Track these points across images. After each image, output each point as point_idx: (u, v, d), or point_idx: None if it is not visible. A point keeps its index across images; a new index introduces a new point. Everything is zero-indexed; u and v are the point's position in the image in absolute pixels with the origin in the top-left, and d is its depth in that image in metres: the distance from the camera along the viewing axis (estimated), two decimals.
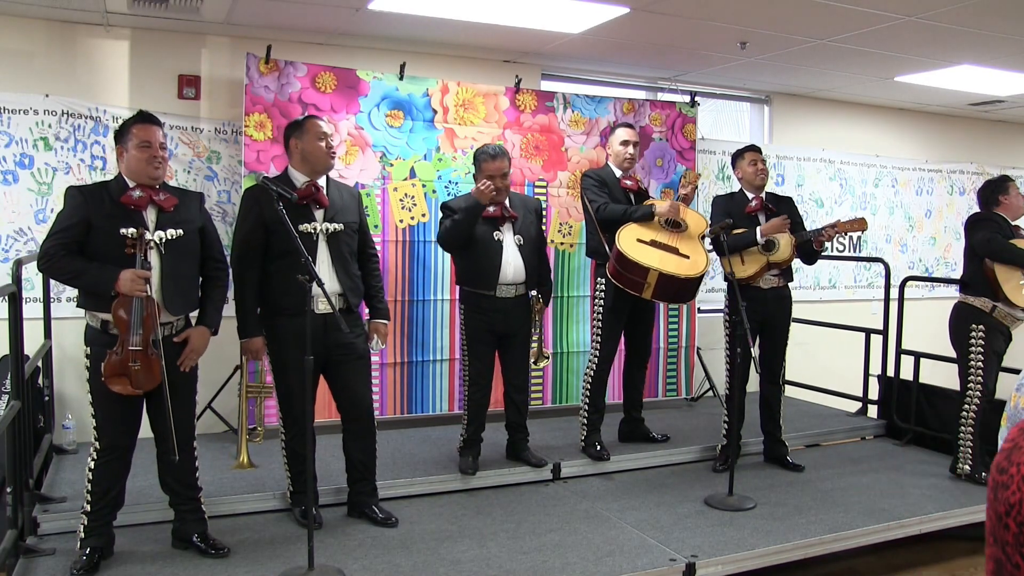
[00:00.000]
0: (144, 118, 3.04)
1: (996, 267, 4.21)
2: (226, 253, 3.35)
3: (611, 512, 3.78)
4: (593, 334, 4.50)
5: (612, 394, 5.01)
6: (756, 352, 4.41)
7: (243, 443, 3.34)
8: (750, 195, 4.47)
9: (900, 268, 6.86)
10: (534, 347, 4.22)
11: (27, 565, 3.03)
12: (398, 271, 4.91)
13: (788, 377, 4.73)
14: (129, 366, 2.86)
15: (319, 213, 3.38)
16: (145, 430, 3.08)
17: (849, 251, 6.89)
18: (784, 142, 6.58)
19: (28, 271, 3.95)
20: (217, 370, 4.44)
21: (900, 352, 5.30)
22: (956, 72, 5.56)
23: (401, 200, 4.91)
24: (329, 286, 3.31)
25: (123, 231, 2.87)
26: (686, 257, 4.07)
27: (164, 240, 2.97)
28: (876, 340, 5.42)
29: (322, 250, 3.37)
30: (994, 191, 4.42)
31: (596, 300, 4.44)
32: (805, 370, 5.88)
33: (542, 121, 5.28)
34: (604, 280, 4.30)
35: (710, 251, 5.29)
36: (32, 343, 3.75)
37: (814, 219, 6.47)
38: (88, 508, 3.03)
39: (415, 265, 4.93)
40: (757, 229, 4.30)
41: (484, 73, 5.34)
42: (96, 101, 4.52)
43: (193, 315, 3.19)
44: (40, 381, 4.06)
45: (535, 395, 5.25)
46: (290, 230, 3.04)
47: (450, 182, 5.01)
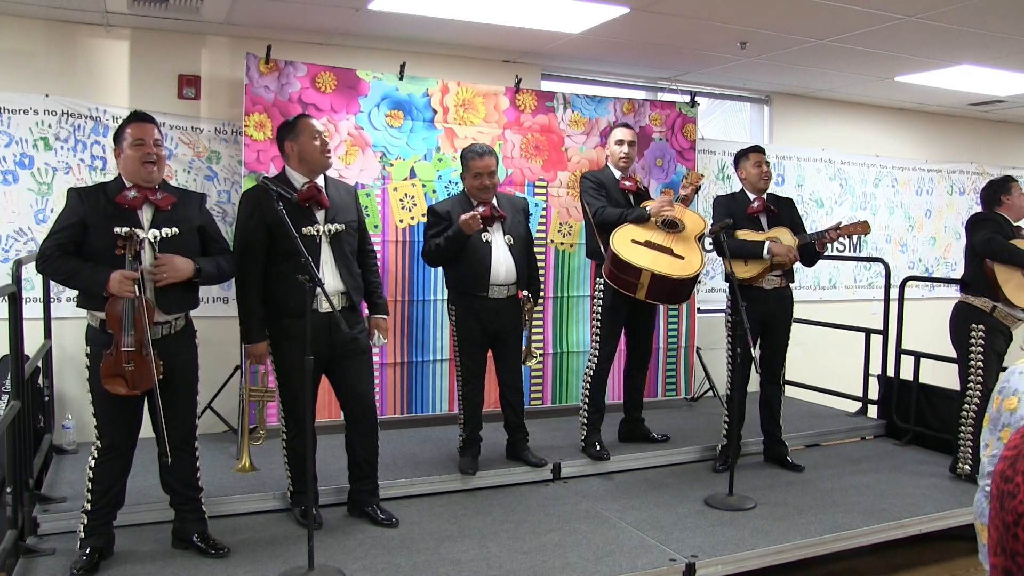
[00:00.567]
0: (138, 117, 3.05)
1: (996, 267, 4.21)
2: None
3: (611, 512, 3.78)
4: (592, 334, 4.51)
5: (612, 394, 5.01)
6: (757, 352, 4.42)
7: (245, 446, 3.33)
8: (752, 196, 4.47)
9: (900, 268, 6.87)
10: (523, 347, 4.22)
11: (27, 565, 3.03)
12: (398, 271, 4.91)
13: (788, 377, 4.72)
14: (124, 367, 2.86)
15: (320, 214, 3.37)
16: (146, 430, 3.07)
17: (849, 251, 6.89)
18: (784, 142, 6.57)
19: (28, 271, 3.95)
20: (217, 370, 4.45)
21: (900, 352, 5.30)
22: (956, 72, 5.56)
23: (401, 200, 4.91)
24: (333, 286, 3.32)
25: (117, 230, 2.86)
26: (680, 258, 4.06)
27: (158, 239, 2.96)
28: (876, 340, 5.42)
29: (325, 251, 3.36)
30: (996, 191, 4.41)
31: (595, 300, 4.44)
32: (805, 370, 5.88)
33: (542, 121, 5.28)
34: (603, 280, 4.30)
35: (710, 251, 5.30)
36: (32, 343, 3.76)
37: (814, 219, 6.48)
38: (88, 507, 3.03)
39: (415, 265, 4.93)
40: (766, 246, 4.26)
41: (484, 73, 5.34)
42: (96, 101, 4.52)
43: (193, 314, 3.19)
44: (40, 381, 4.06)
45: (535, 395, 5.26)
46: (290, 231, 3.04)
47: (450, 182, 5.01)
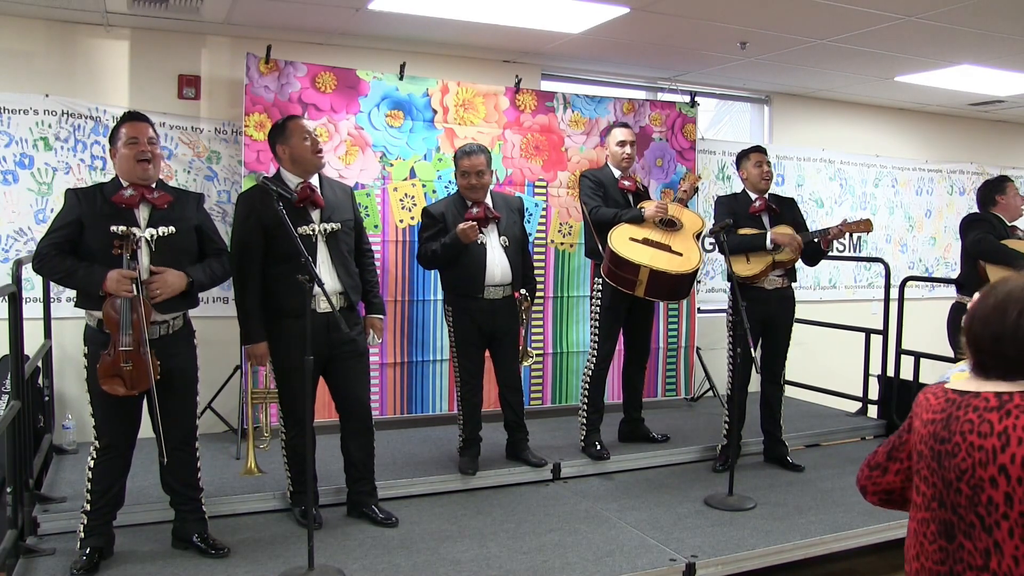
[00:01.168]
0: (133, 116, 3.05)
1: (988, 267, 4.22)
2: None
3: (611, 512, 3.78)
4: (592, 334, 4.50)
5: (612, 394, 5.01)
6: (758, 353, 4.41)
7: (250, 449, 3.33)
8: (753, 196, 4.47)
9: (900, 268, 6.87)
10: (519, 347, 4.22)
11: (27, 565, 3.03)
12: (398, 271, 4.91)
13: (788, 377, 4.72)
14: (121, 367, 2.86)
15: (316, 214, 3.38)
16: (146, 430, 3.07)
17: (849, 251, 6.89)
18: (784, 142, 6.57)
19: (28, 271, 3.94)
20: (217, 370, 4.45)
21: (900, 352, 5.30)
22: (956, 72, 5.56)
23: (401, 200, 4.91)
24: (331, 286, 3.31)
25: (113, 229, 2.86)
26: (678, 254, 4.07)
27: (155, 237, 2.96)
28: (876, 340, 5.42)
29: (321, 251, 3.36)
30: (991, 191, 4.42)
31: (594, 300, 4.44)
32: (805, 370, 5.87)
33: (542, 121, 5.28)
34: (601, 280, 4.30)
35: (710, 251, 5.31)
36: (32, 343, 3.75)
37: (814, 219, 6.47)
38: (88, 507, 3.03)
39: (415, 265, 4.92)
40: (768, 233, 4.28)
41: (484, 73, 5.34)
42: (96, 101, 4.52)
43: (192, 314, 3.19)
44: (40, 381, 4.06)
45: (535, 395, 5.26)
46: (291, 231, 3.04)
47: (450, 182, 5.00)
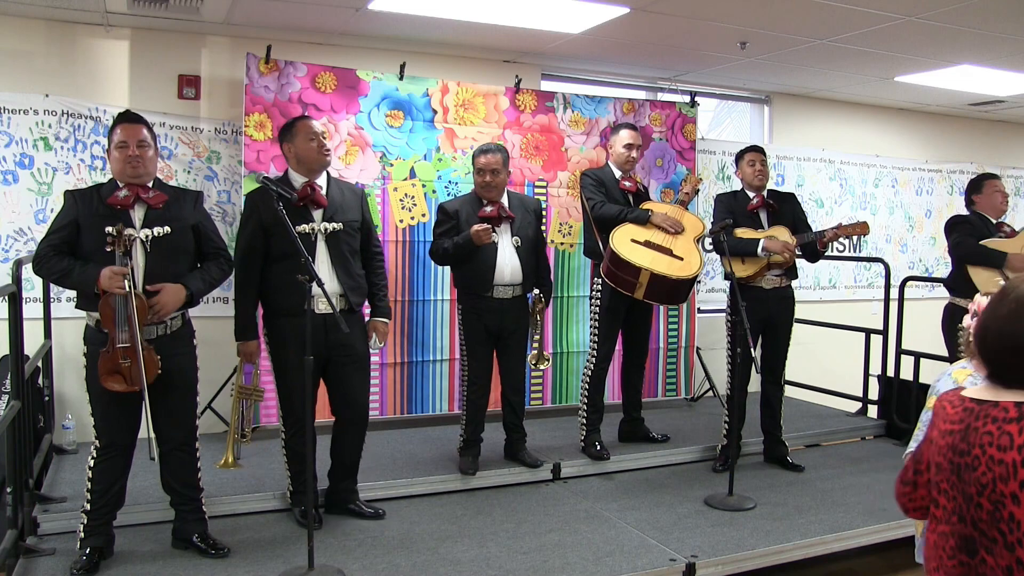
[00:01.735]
0: (125, 118, 3.05)
1: (970, 269, 4.28)
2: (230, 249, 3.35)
3: (611, 512, 3.78)
4: (591, 334, 4.50)
5: (612, 394, 5.01)
6: (758, 352, 4.41)
7: (230, 442, 3.34)
8: (751, 194, 4.47)
9: (900, 268, 6.87)
10: (534, 350, 4.22)
11: (27, 565, 3.03)
12: (398, 271, 4.91)
13: (788, 377, 4.72)
14: (120, 363, 2.87)
15: (317, 213, 3.38)
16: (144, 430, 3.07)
17: (849, 251, 6.88)
18: (784, 142, 6.57)
19: (28, 271, 3.94)
20: (217, 370, 4.44)
21: (900, 352, 5.30)
22: (956, 72, 5.56)
23: (401, 200, 4.91)
24: (329, 286, 3.29)
25: (107, 229, 2.87)
26: (680, 259, 4.07)
27: (150, 237, 2.96)
28: (876, 340, 5.42)
29: (321, 250, 3.36)
30: (970, 191, 4.53)
31: (593, 300, 4.44)
32: (805, 370, 5.87)
33: (542, 121, 5.28)
34: (601, 280, 4.30)
35: (709, 251, 5.30)
36: (32, 343, 3.76)
37: (814, 219, 6.46)
38: (88, 507, 3.03)
39: (415, 265, 4.93)
40: (760, 243, 4.27)
41: (484, 73, 5.34)
42: (96, 101, 4.52)
43: (192, 314, 3.19)
44: (40, 381, 4.06)
45: (535, 395, 5.26)
46: (290, 230, 3.04)
47: (450, 182, 5.01)
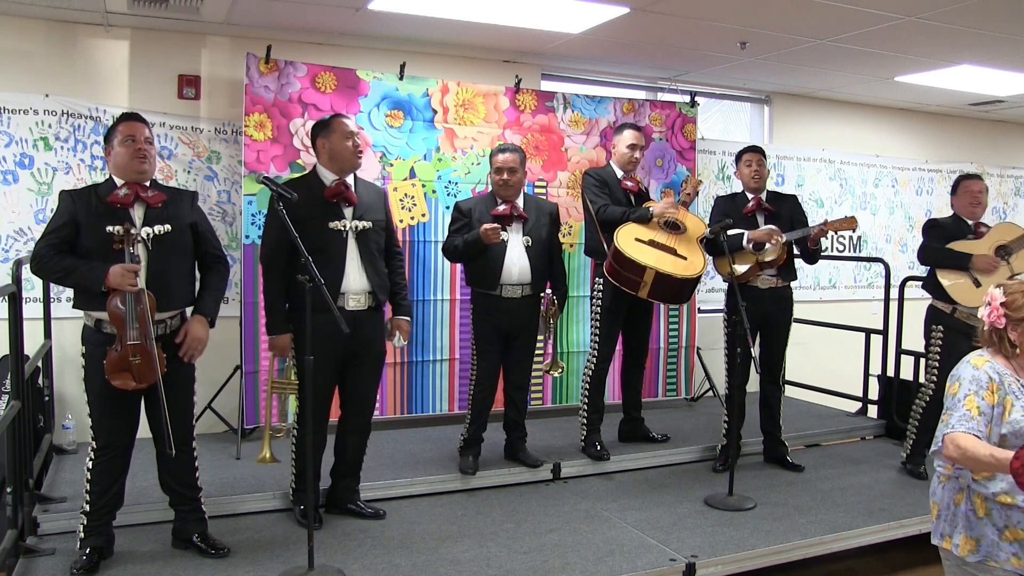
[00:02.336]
0: (129, 116, 3.07)
1: (938, 272, 4.30)
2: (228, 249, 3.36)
3: (611, 512, 3.78)
4: (592, 334, 4.50)
5: (612, 394, 5.01)
6: (756, 351, 4.41)
7: (267, 437, 3.34)
8: (750, 196, 4.47)
9: (900, 268, 6.86)
10: (546, 359, 4.22)
11: (27, 565, 3.03)
12: None
13: (788, 377, 4.73)
14: (130, 360, 2.87)
15: (348, 211, 3.43)
16: (144, 430, 3.07)
17: (849, 251, 6.89)
18: (784, 142, 6.58)
19: (28, 271, 3.94)
20: (217, 370, 4.45)
21: (900, 352, 5.30)
22: (956, 72, 5.56)
23: (401, 200, 4.90)
24: (359, 283, 3.39)
25: (109, 228, 2.88)
26: (683, 258, 4.07)
27: (151, 236, 2.97)
28: (876, 340, 5.42)
29: (351, 247, 3.41)
30: (951, 193, 4.53)
31: (594, 300, 4.43)
32: (805, 370, 5.87)
33: (542, 121, 5.28)
34: (602, 280, 4.30)
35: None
36: (32, 343, 3.76)
37: (814, 220, 6.41)
38: (87, 508, 3.03)
39: (415, 265, 4.93)
40: (745, 233, 4.29)
41: (484, 73, 5.34)
42: (96, 101, 4.52)
43: (189, 311, 3.18)
44: (40, 381, 4.06)
45: (535, 395, 5.25)
46: (290, 230, 3.03)
47: (450, 182, 5.01)
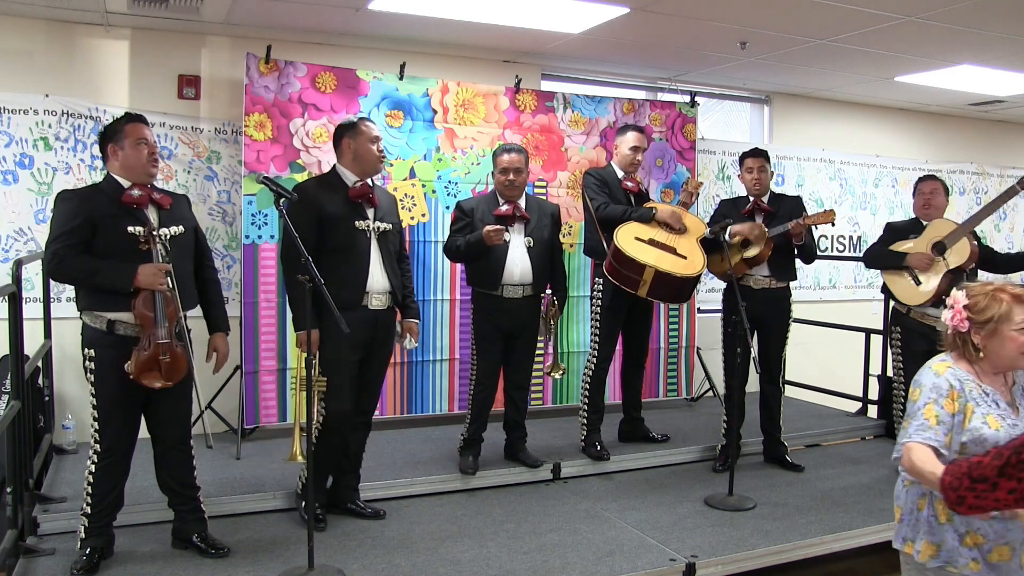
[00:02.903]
0: (135, 117, 3.06)
1: (883, 273, 4.34)
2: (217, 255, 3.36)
3: (611, 512, 3.78)
4: (591, 335, 4.50)
5: (612, 394, 5.01)
6: (755, 350, 4.41)
7: (296, 435, 3.33)
8: (751, 199, 4.46)
9: None
10: (547, 361, 4.21)
11: (27, 565, 3.03)
12: None
13: (788, 377, 4.72)
14: (160, 359, 2.89)
15: (371, 212, 3.46)
16: (144, 431, 3.08)
17: (849, 251, 6.89)
18: (784, 142, 6.57)
19: (28, 271, 3.95)
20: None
21: None
22: (956, 72, 5.56)
23: (401, 200, 4.90)
24: (381, 283, 3.44)
25: (131, 229, 2.88)
26: (683, 257, 4.07)
27: (168, 237, 3.00)
28: (876, 340, 5.42)
29: (374, 248, 3.45)
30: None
31: (594, 300, 4.43)
32: (805, 370, 5.87)
33: (542, 121, 5.28)
34: (602, 280, 4.30)
35: None
36: (32, 343, 3.75)
37: None
38: (88, 510, 3.03)
39: (415, 265, 4.92)
40: (727, 231, 4.31)
41: (484, 73, 5.34)
42: (96, 101, 4.52)
43: (191, 315, 3.18)
44: (40, 381, 4.06)
45: (535, 395, 5.25)
46: (290, 230, 3.04)
47: (450, 182, 5.01)
